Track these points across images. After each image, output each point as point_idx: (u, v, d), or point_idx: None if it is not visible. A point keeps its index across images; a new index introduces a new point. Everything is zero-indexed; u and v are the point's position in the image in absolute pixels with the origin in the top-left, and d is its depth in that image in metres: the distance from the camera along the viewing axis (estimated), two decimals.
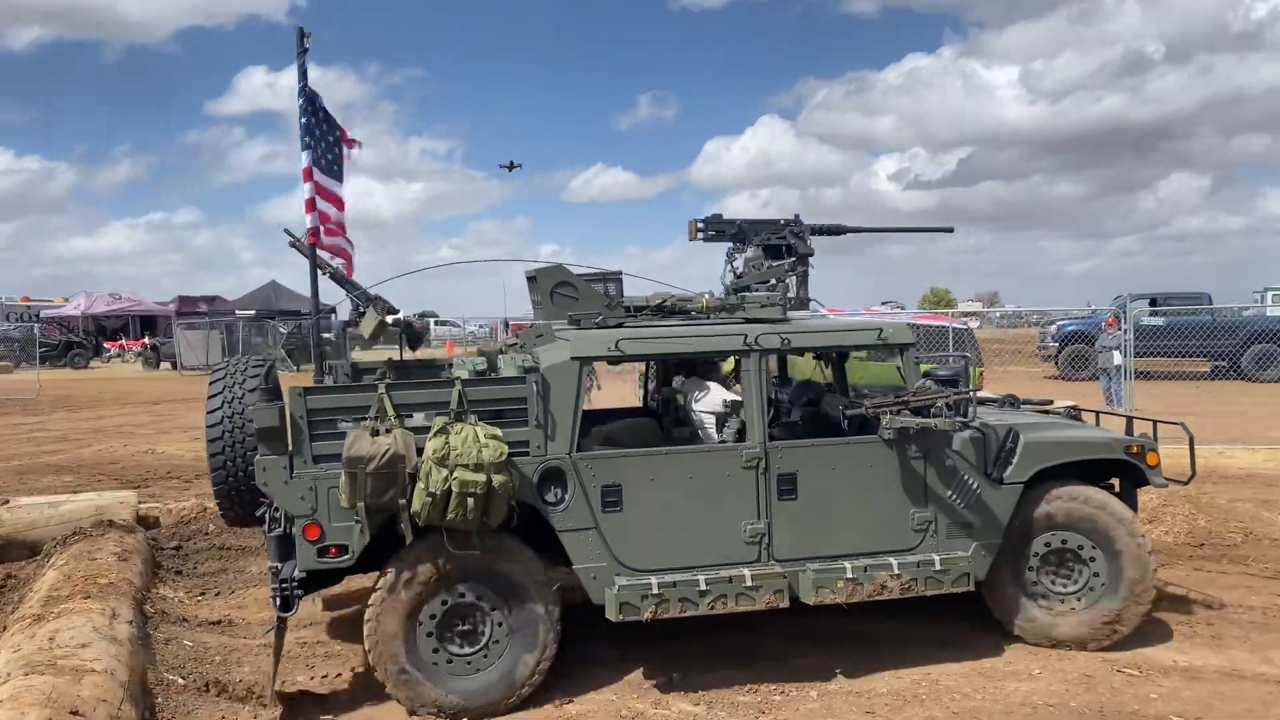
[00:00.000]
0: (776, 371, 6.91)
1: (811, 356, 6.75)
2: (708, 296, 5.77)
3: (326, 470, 4.75)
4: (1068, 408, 6.65)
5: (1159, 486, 5.80)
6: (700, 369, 6.13)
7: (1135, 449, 5.70)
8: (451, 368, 6.05)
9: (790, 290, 5.98)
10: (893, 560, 5.24)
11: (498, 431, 4.74)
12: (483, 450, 4.61)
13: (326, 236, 5.89)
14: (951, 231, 7.41)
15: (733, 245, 6.30)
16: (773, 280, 5.94)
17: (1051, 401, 6.95)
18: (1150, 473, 5.71)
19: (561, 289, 5.67)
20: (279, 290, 40.80)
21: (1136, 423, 6.20)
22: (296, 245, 6.10)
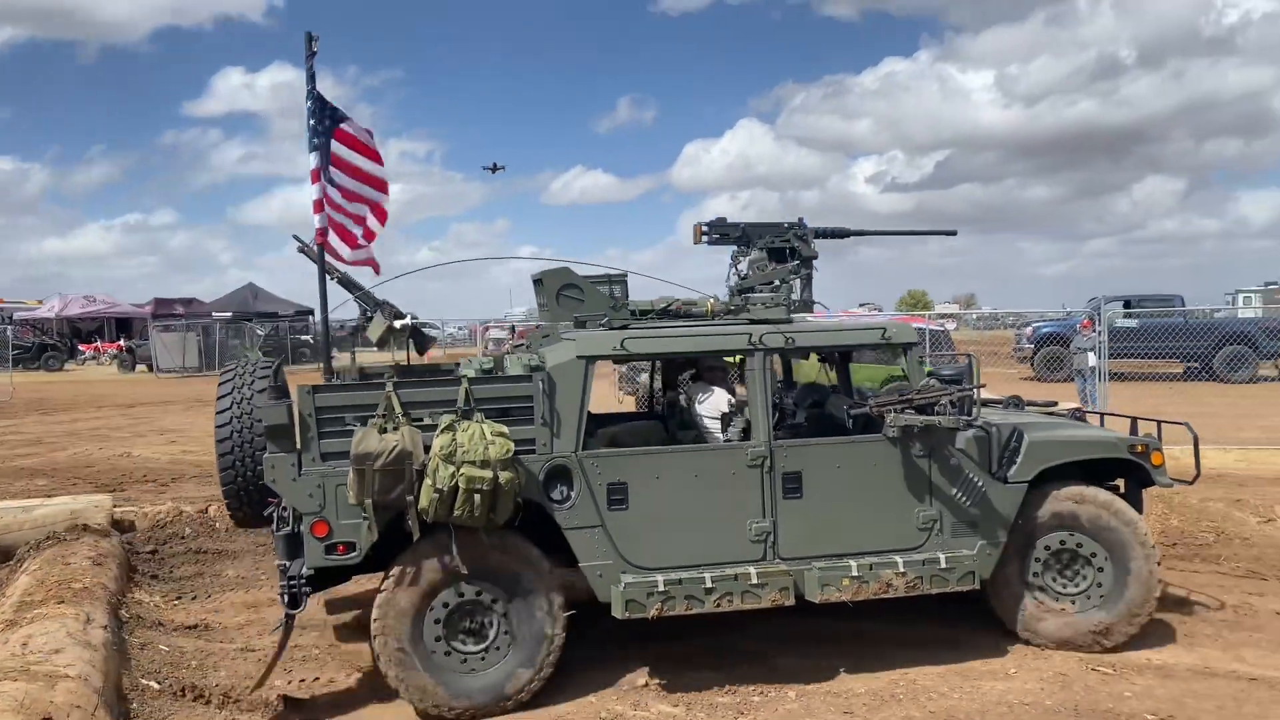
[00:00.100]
0: (781, 376, 6.93)
1: (816, 360, 6.77)
2: (713, 300, 5.81)
3: (334, 468, 4.78)
4: (1072, 409, 6.66)
5: (1164, 486, 5.79)
6: (707, 374, 6.16)
7: (1140, 449, 5.68)
8: (459, 367, 6.08)
9: (795, 292, 6.00)
10: (898, 558, 5.25)
11: (504, 429, 4.77)
12: (489, 447, 4.64)
13: (352, 250, 5.97)
14: (954, 234, 7.45)
15: (737, 248, 6.33)
16: (776, 281, 5.96)
17: (1056, 403, 6.96)
18: (1155, 473, 5.69)
19: (567, 291, 5.68)
20: (256, 292, 40.65)
21: (1140, 423, 6.20)
22: (305, 250, 6.12)
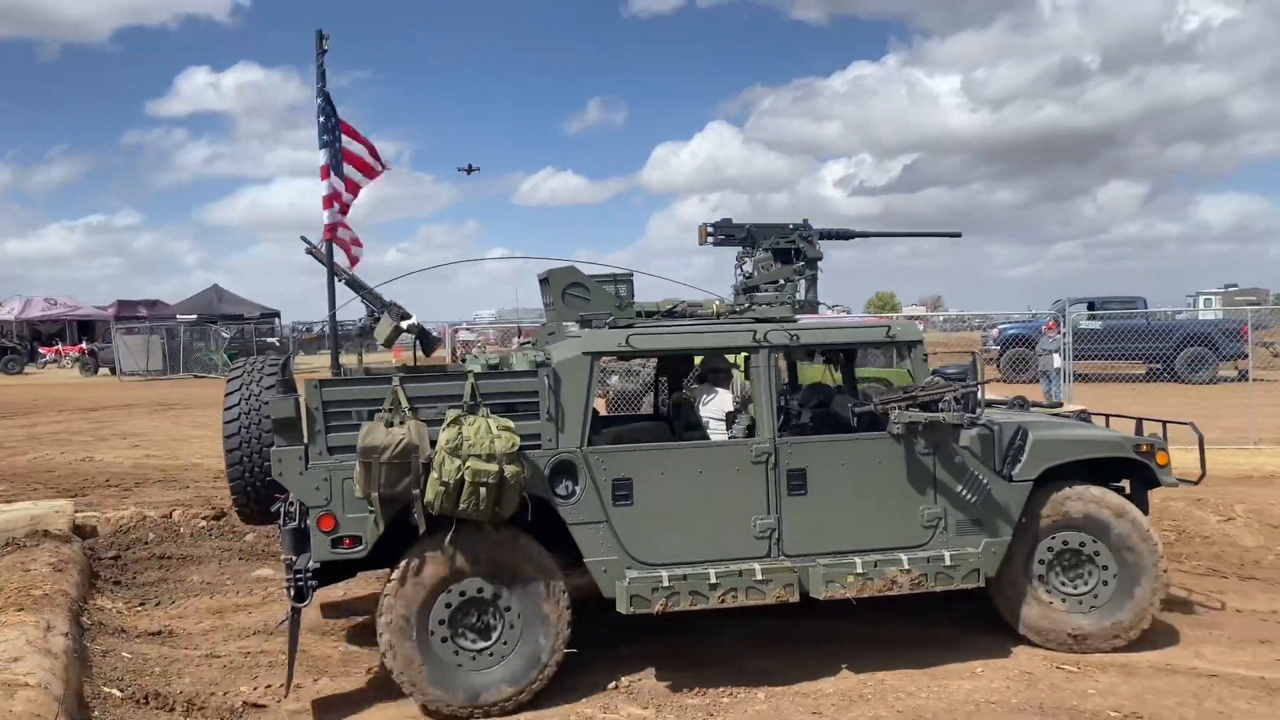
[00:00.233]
0: (787, 377, 6.96)
1: (822, 361, 6.79)
2: (719, 302, 5.84)
3: (341, 461, 4.81)
4: (1077, 411, 6.68)
5: (1169, 486, 5.80)
6: (712, 376, 6.19)
7: (1145, 448, 5.71)
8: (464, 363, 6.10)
9: (800, 293, 6.03)
10: (903, 556, 5.27)
11: (510, 423, 4.80)
12: (495, 441, 4.67)
13: (342, 231, 6.00)
14: (959, 236, 7.50)
15: (742, 249, 6.36)
16: (781, 281, 5.98)
17: (1061, 404, 6.98)
18: (1160, 472, 5.71)
19: (573, 290, 5.69)
20: (222, 294, 40.20)
21: (1145, 423, 6.18)
22: (313, 252, 6.11)
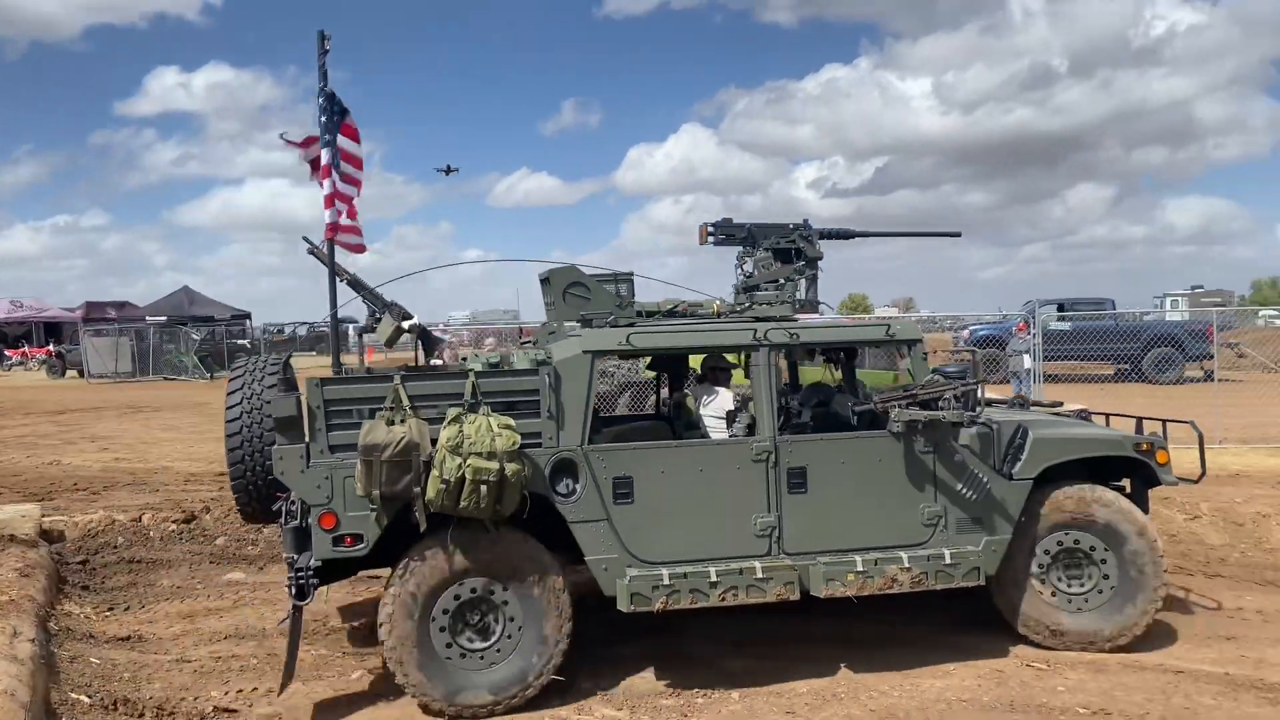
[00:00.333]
0: (787, 377, 6.97)
1: (822, 361, 6.83)
2: (719, 303, 5.86)
3: (342, 459, 4.82)
4: (1077, 409, 6.72)
5: (1170, 485, 5.83)
6: (711, 376, 6.21)
7: (1145, 447, 5.73)
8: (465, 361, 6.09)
9: (800, 292, 6.04)
10: (903, 554, 5.28)
11: (511, 421, 4.81)
12: (496, 439, 4.69)
13: (344, 234, 5.99)
14: (959, 235, 7.53)
15: (743, 249, 6.37)
16: (781, 280, 6.01)
17: (1061, 403, 6.99)
18: (1160, 471, 5.72)
19: (574, 289, 5.70)
20: (193, 296, 39.83)
21: (1146, 422, 6.20)
22: (315, 252, 6.09)
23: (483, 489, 4.64)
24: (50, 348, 37.37)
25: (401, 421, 4.73)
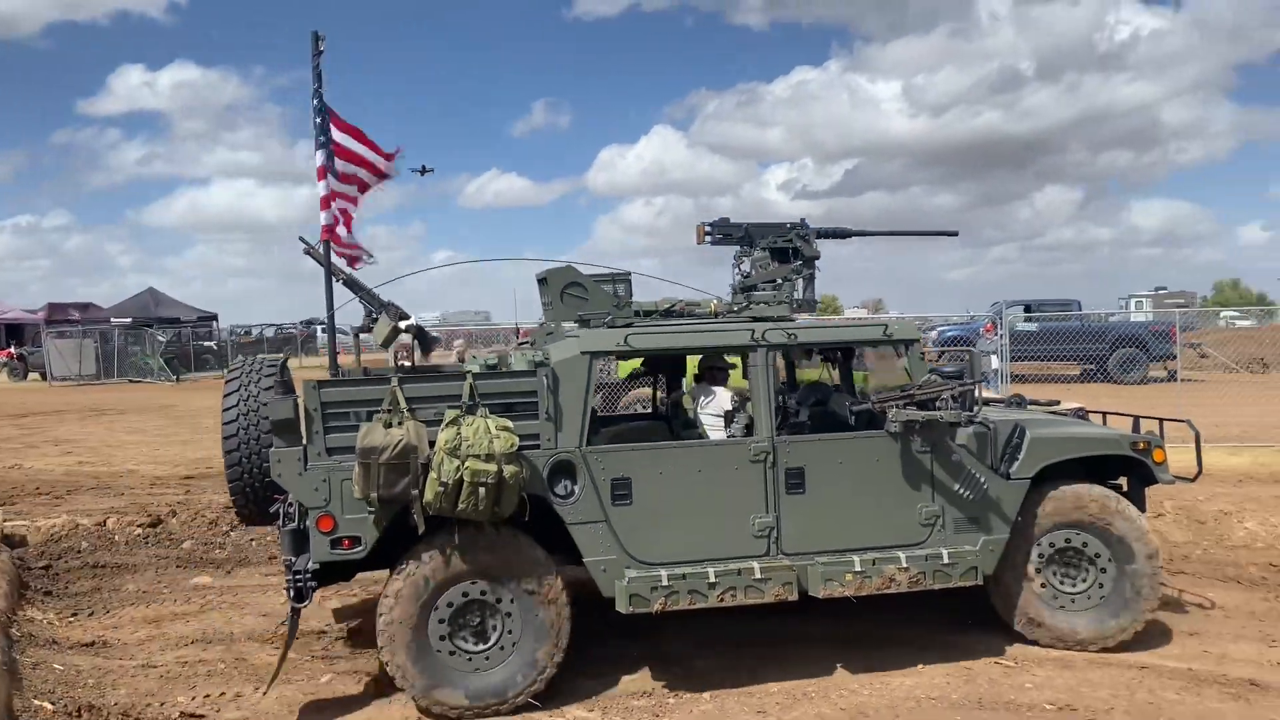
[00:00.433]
0: (785, 376, 6.97)
1: (820, 360, 6.84)
2: (716, 302, 5.88)
3: (340, 462, 4.80)
4: (1074, 408, 6.75)
5: (1166, 483, 5.86)
6: (709, 375, 6.21)
7: (1142, 446, 5.74)
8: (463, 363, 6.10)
9: (797, 292, 6.06)
10: (901, 554, 5.29)
11: (509, 423, 4.80)
12: (494, 441, 4.67)
13: (344, 248, 5.97)
14: (955, 235, 7.54)
15: (740, 249, 6.38)
16: (778, 280, 6.02)
17: (1058, 402, 7.02)
18: (1157, 470, 5.75)
19: (571, 290, 5.69)
20: (158, 297, 39.36)
21: (1143, 421, 6.20)
22: (310, 252, 6.05)
23: (481, 491, 4.62)
24: (12, 350, 36.69)
25: (399, 424, 4.71)
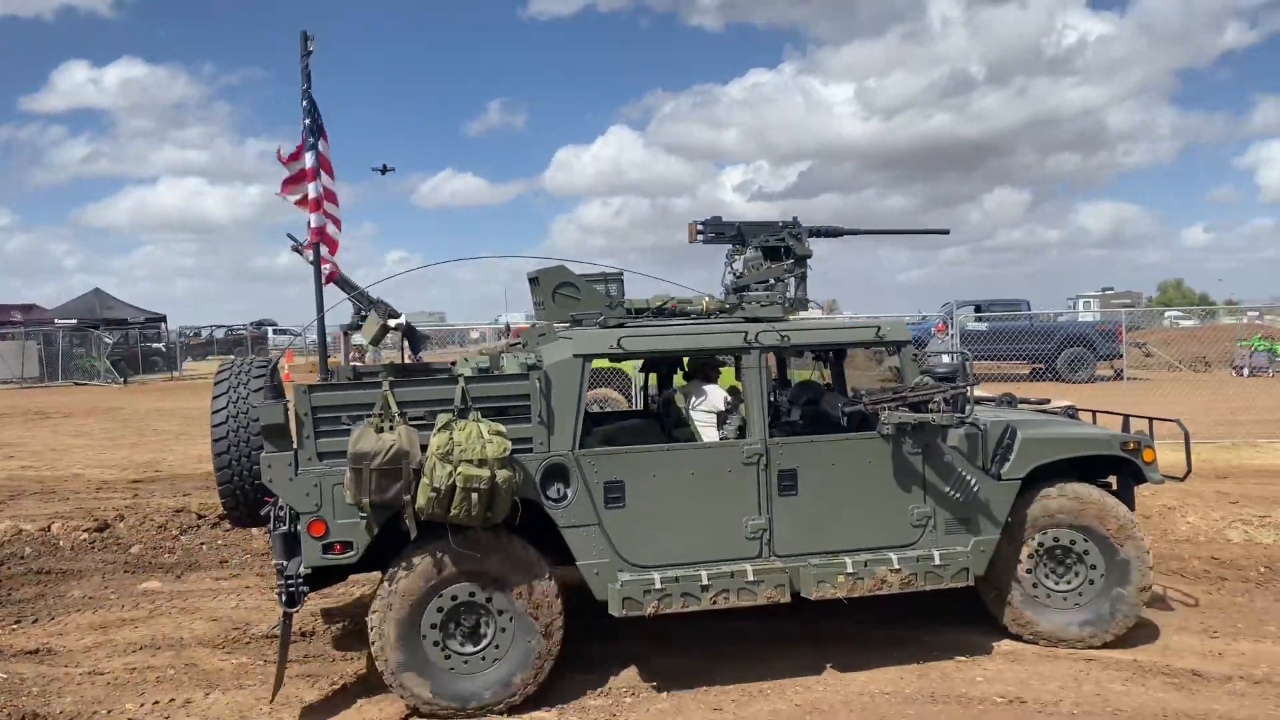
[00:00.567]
0: (776, 373, 6.97)
1: (811, 359, 6.82)
2: (708, 299, 5.87)
3: (331, 467, 4.76)
4: (1064, 407, 6.80)
5: (1156, 483, 5.92)
6: (701, 373, 6.18)
7: (1132, 446, 5.79)
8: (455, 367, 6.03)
9: (789, 291, 6.07)
10: (893, 555, 5.30)
11: (501, 428, 4.76)
12: (486, 446, 4.63)
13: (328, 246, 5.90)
14: (947, 233, 7.60)
15: (732, 247, 6.37)
16: (771, 280, 6.01)
17: (1049, 400, 7.07)
18: (1147, 469, 5.80)
19: (563, 289, 5.68)
20: (104, 299, 38.49)
21: (1132, 420, 6.25)
22: (299, 249, 5.97)
23: (474, 497, 4.61)
24: None
25: (391, 428, 4.66)
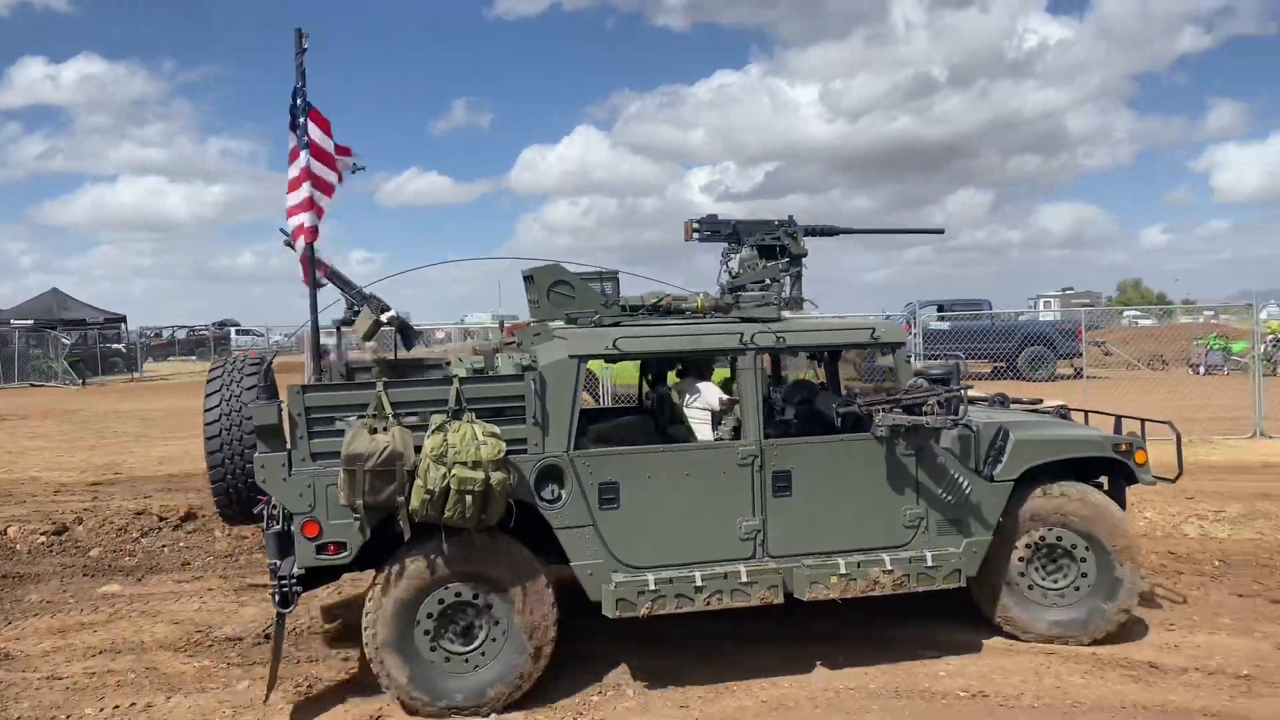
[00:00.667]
0: (770, 371, 6.95)
1: (805, 359, 6.81)
2: (703, 296, 5.85)
3: (325, 468, 4.73)
4: (1056, 407, 6.83)
5: (1147, 484, 5.94)
6: (694, 369, 6.16)
7: (1124, 447, 5.82)
8: (449, 365, 6.00)
9: (785, 290, 6.05)
10: (885, 556, 5.32)
11: (496, 429, 4.73)
12: (481, 448, 4.60)
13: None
14: (942, 233, 7.62)
15: (728, 245, 6.36)
16: (767, 280, 6.00)
17: (1041, 400, 7.12)
18: (1138, 470, 5.83)
19: (558, 287, 5.68)
20: (61, 299, 37.81)
21: (1124, 421, 6.32)
22: (289, 244, 5.90)
23: (468, 499, 4.57)
24: None
25: (384, 429, 4.63)
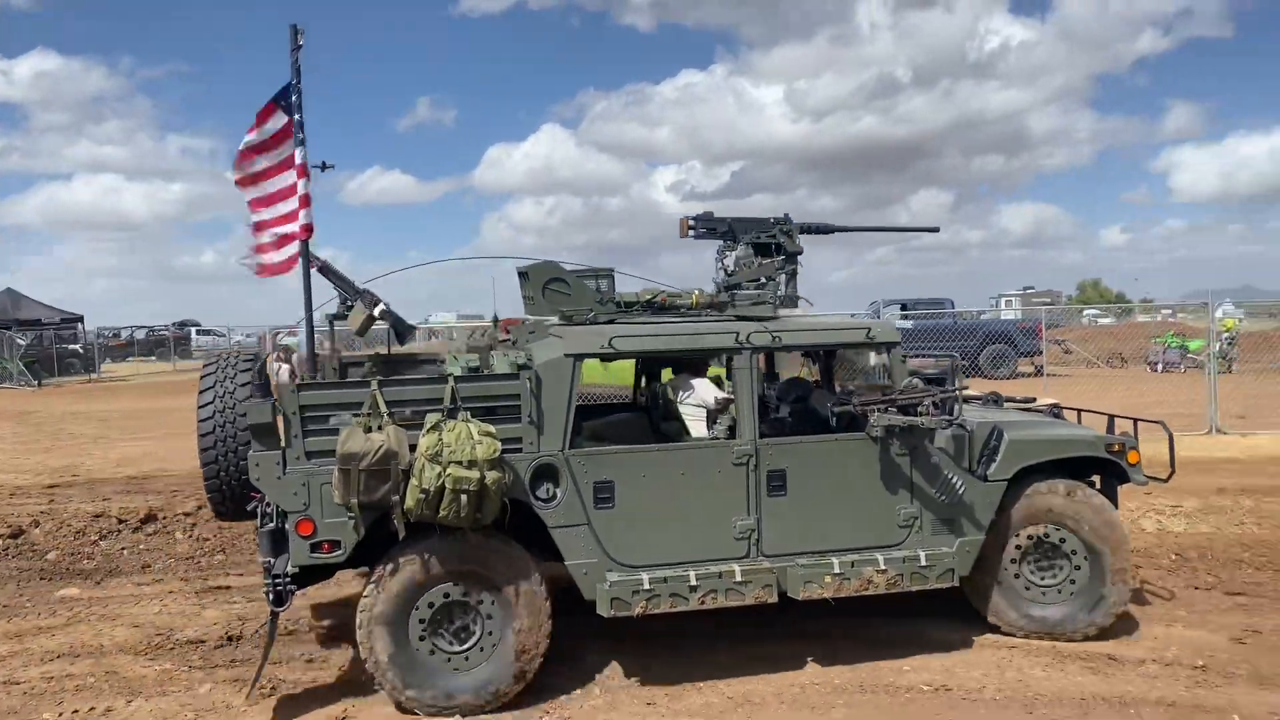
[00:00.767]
0: (765, 368, 6.94)
1: (800, 357, 6.81)
2: (698, 293, 5.85)
3: (319, 466, 4.72)
4: (1050, 405, 6.89)
5: (1139, 484, 6.00)
6: (688, 365, 6.14)
7: (1116, 447, 5.86)
8: (443, 363, 5.96)
9: (780, 288, 6.04)
10: (879, 556, 5.33)
11: (491, 428, 4.71)
12: (476, 447, 4.58)
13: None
14: (937, 231, 7.65)
15: (723, 243, 6.34)
16: (762, 278, 5.98)
17: (1034, 399, 7.17)
18: (1131, 470, 5.88)
19: (553, 285, 5.63)
20: (16, 298, 37.12)
21: (1117, 421, 6.35)
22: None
23: (463, 498, 4.56)
24: None
25: (379, 428, 4.61)
